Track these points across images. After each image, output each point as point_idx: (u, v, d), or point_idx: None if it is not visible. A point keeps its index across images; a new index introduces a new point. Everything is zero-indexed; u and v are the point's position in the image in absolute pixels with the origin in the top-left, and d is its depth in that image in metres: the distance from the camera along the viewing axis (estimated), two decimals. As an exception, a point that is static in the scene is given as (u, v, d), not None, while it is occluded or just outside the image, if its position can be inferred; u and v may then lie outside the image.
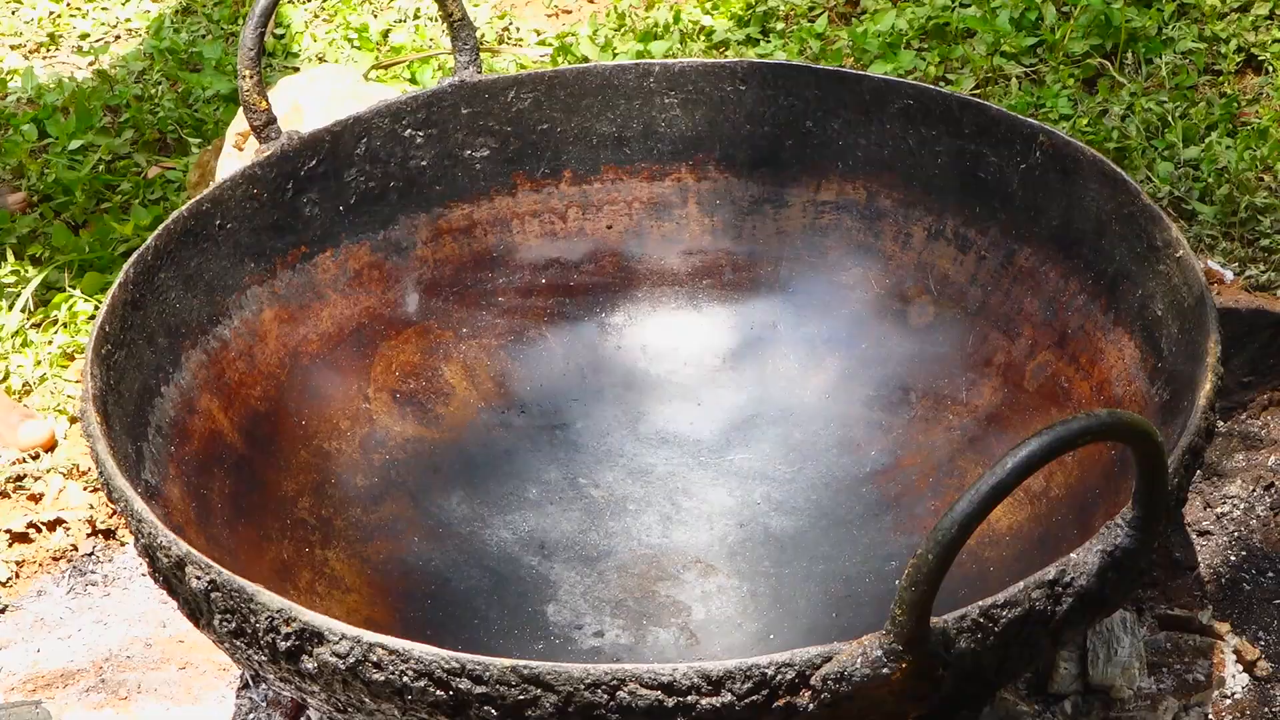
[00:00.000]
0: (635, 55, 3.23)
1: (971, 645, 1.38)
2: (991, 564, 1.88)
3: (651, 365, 2.21)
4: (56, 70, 3.36)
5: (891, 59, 3.14)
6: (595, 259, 2.24)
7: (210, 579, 1.47)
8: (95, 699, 1.99)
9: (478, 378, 2.17)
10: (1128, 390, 1.85)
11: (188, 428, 1.87)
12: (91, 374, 1.71)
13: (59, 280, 2.70)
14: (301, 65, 3.30)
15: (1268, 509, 2.09)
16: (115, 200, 2.92)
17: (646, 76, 2.21)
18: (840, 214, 2.19)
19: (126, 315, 1.82)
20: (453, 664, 1.37)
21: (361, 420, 2.08)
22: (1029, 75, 3.10)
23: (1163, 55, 3.06)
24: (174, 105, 3.19)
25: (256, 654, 1.47)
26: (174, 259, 1.92)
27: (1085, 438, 1.31)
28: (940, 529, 1.28)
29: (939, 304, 2.13)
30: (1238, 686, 1.90)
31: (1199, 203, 2.70)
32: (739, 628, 1.91)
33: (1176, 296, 1.79)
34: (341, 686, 1.43)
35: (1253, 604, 2.00)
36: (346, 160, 2.11)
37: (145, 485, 1.71)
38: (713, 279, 2.24)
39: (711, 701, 1.35)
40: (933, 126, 2.11)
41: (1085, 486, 1.84)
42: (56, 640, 2.08)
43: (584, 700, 1.35)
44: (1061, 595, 1.42)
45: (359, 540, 1.98)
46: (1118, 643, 1.89)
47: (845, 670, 1.34)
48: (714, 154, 2.23)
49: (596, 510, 2.06)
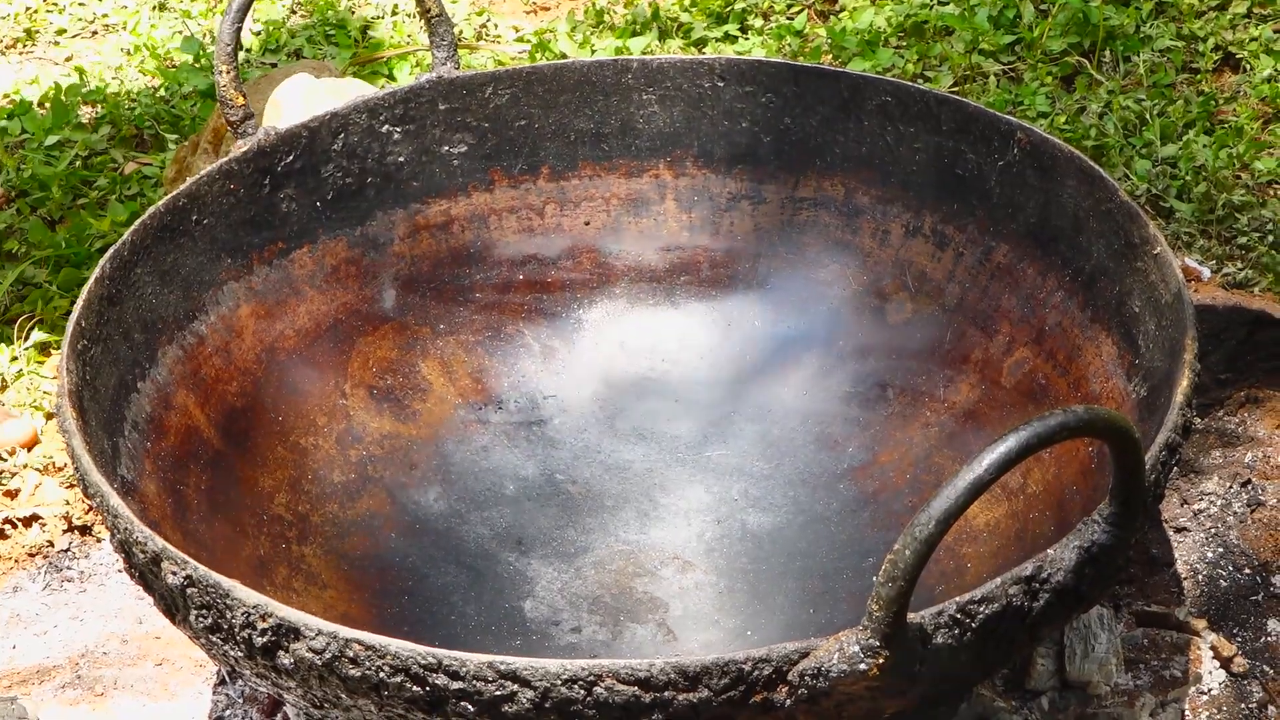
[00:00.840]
0: (614, 52, 3.23)
1: (949, 641, 1.38)
2: (968, 560, 1.89)
3: (629, 362, 2.21)
4: (33, 66, 3.35)
5: (870, 56, 3.14)
6: (573, 255, 2.24)
7: (186, 574, 1.46)
8: (71, 695, 1.99)
9: (455, 374, 2.17)
10: (1105, 387, 1.85)
11: (164, 423, 1.87)
12: (68, 369, 1.70)
13: (35, 276, 2.69)
14: (279, 61, 3.29)
15: (1244, 506, 2.09)
16: (92, 196, 2.91)
17: (625, 73, 2.21)
18: (818, 211, 2.19)
19: (103, 311, 1.82)
20: (429, 659, 1.37)
21: (338, 416, 2.08)
22: (1007, 73, 3.10)
23: (1140, 53, 3.07)
24: (151, 101, 3.18)
25: (233, 650, 1.46)
26: (151, 255, 1.91)
27: (1063, 434, 1.31)
28: (918, 524, 1.28)
29: (916, 301, 2.13)
30: (1214, 683, 1.90)
31: (1176, 200, 2.70)
32: (716, 624, 1.91)
33: (1154, 293, 1.80)
34: (318, 682, 1.42)
35: (1229, 601, 2.00)
36: (324, 156, 2.11)
37: (121, 481, 1.71)
38: (690, 275, 2.24)
39: (688, 697, 1.35)
40: (911, 123, 2.12)
41: (1062, 483, 1.84)
42: (32, 636, 2.08)
43: (561, 696, 1.35)
44: (1039, 591, 1.42)
45: (336, 536, 1.97)
46: (1095, 639, 1.89)
47: (822, 666, 1.34)
48: (692, 150, 2.23)
49: (574, 506, 2.06)
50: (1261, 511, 2.08)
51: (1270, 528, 2.06)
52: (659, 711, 1.36)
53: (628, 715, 1.36)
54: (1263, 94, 2.95)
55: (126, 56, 3.35)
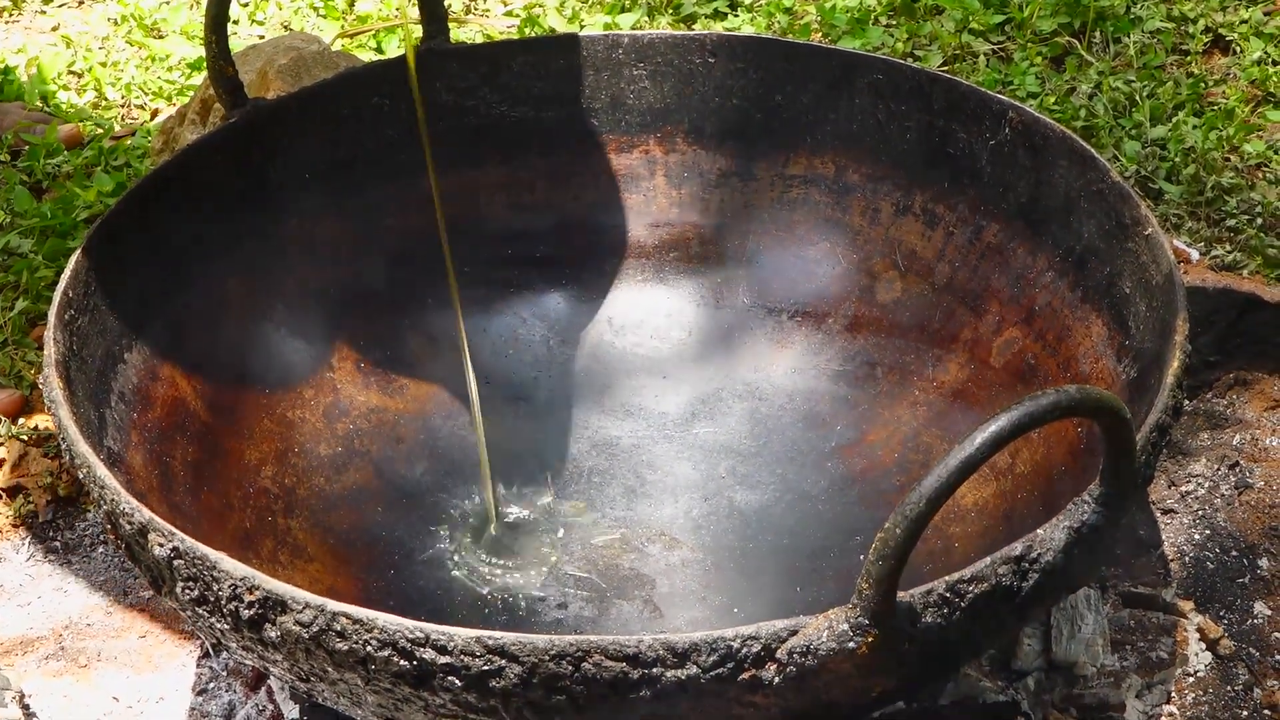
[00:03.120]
0: (603, 28, 3.22)
1: (938, 620, 1.38)
2: (956, 540, 1.89)
3: (617, 338, 2.21)
4: (19, 35, 3.33)
5: (859, 35, 3.14)
6: (562, 231, 2.23)
7: (173, 546, 1.46)
8: (55, 666, 1.98)
9: (441, 348, 2.16)
10: (1095, 368, 1.85)
11: (151, 395, 1.86)
12: (54, 339, 1.69)
13: (20, 246, 2.68)
14: (267, 33, 3.28)
15: (1232, 488, 2.09)
16: (79, 166, 2.90)
17: (615, 48, 2.20)
18: (808, 188, 2.18)
19: (90, 280, 1.81)
20: (417, 634, 1.36)
21: (325, 389, 2.07)
22: (997, 52, 3.10)
23: (1131, 34, 3.06)
24: (138, 71, 3.17)
25: (219, 622, 1.46)
26: (139, 225, 1.90)
27: (1055, 413, 1.31)
28: (909, 503, 1.28)
29: (906, 279, 2.13)
30: (1200, 665, 1.90)
31: (1165, 182, 2.70)
32: (703, 601, 1.91)
33: (1145, 274, 1.79)
34: (304, 656, 1.42)
35: (1216, 582, 2.00)
36: (313, 129, 2.10)
37: (108, 452, 1.70)
38: (680, 252, 2.23)
39: (676, 674, 1.35)
40: (902, 102, 2.11)
41: (1051, 463, 1.84)
42: (16, 607, 2.07)
43: (548, 671, 1.35)
44: (1028, 571, 1.42)
45: (322, 509, 1.97)
46: (1081, 620, 1.89)
47: (811, 644, 1.34)
48: (682, 126, 2.22)
49: (561, 483, 2.05)
50: (1249, 494, 2.08)
51: (1257, 510, 2.06)
52: (647, 688, 1.35)
53: (615, 691, 1.36)
54: (1252, 76, 2.95)
55: (113, 26, 3.34)
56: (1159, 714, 1.85)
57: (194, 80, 3.14)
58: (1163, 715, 1.85)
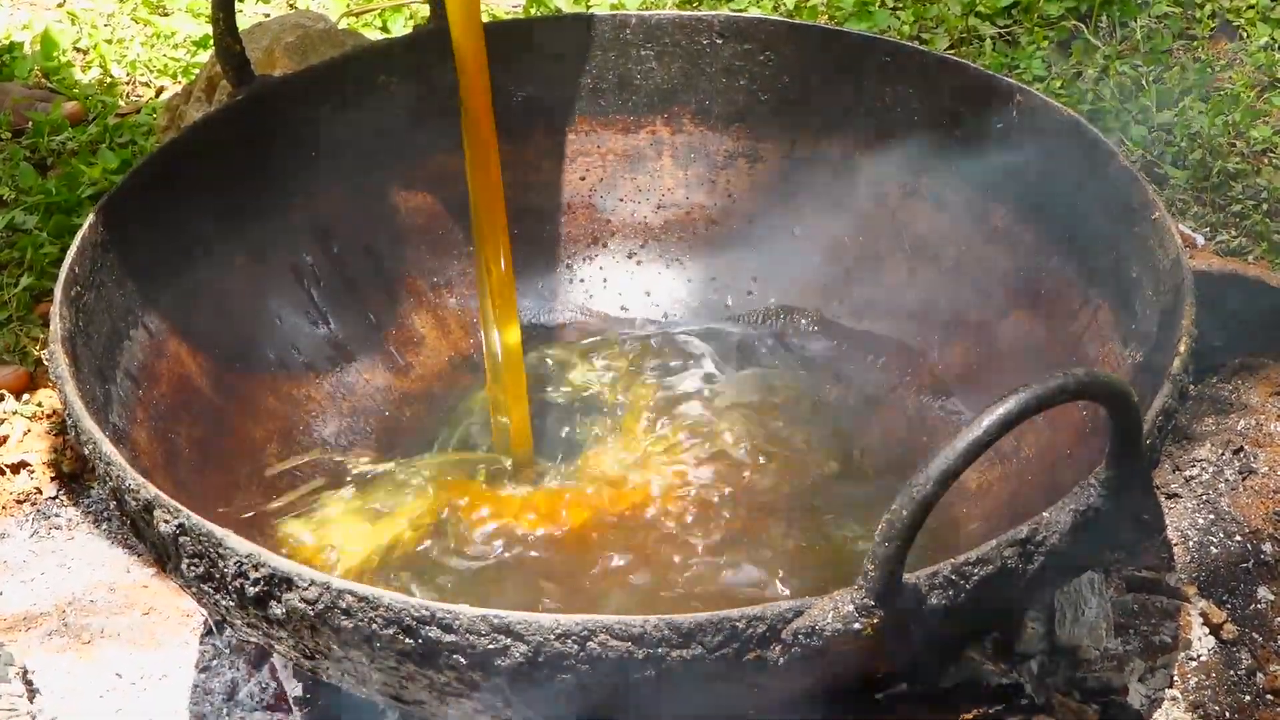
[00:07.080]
0: (610, 8, 3.21)
1: (943, 602, 1.38)
2: (961, 522, 1.88)
3: (623, 317, 2.21)
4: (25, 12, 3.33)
5: (866, 18, 3.13)
6: (568, 210, 2.23)
7: (179, 523, 1.46)
8: (58, 643, 1.98)
9: (448, 326, 2.16)
10: (1101, 351, 1.85)
11: (156, 372, 1.86)
12: (61, 315, 1.69)
13: (25, 222, 2.68)
14: (273, 10, 3.27)
15: (1236, 473, 2.09)
16: (83, 143, 2.90)
17: (623, 28, 2.20)
18: (815, 170, 2.18)
19: (96, 257, 1.81)
20: (422, 612, 1.36)
21: (331, 367, 2.07)
22: (1003, 36, 3.09)
23: (1137, 19, 3.06)
24: (144, 48, 3.17)
25: (224, 599, 1.46)
26: (145, 202, 1.90)
27: (1062, 396, 1.31)
28: (916, 485, 1.28)
29: (912, 262, 2.12)
30: (1204, 649, 1.90)
31: (1171, 167, 2.70)
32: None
33: (1152, 259, 1.79)
34: (309, 633, 1.42)
35: (1220, 567, 2.00)
36: (320, 106, 2.10)
37: (113, 428, 1.70)
38: (686, 232, 2.23)
39: (682, 654, 1.35)
40: (910, 84, 2.11)
41: (1056, 447, 1.84)
42: (19, 583, 2.07)
43: (554, 650, 1.35)
44: (1033, 554, 1.42)
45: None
46: (1085, 603, 1.89)
47: (817, 625, 1.34)
48: (689, 107, 2.22)
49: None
50: (1253, 479, 2.08)
51: (1262, 495, 2.06)
52: (651, 668, 1.35)
53: (620, 671, 1.36)
54: (1259, 62, 2.95)
55: (119, 3, 3.33)
56: (1162, 698, 1.85)
57: (200, 58, 3.14)
58: (1165, 699, 1.85)
